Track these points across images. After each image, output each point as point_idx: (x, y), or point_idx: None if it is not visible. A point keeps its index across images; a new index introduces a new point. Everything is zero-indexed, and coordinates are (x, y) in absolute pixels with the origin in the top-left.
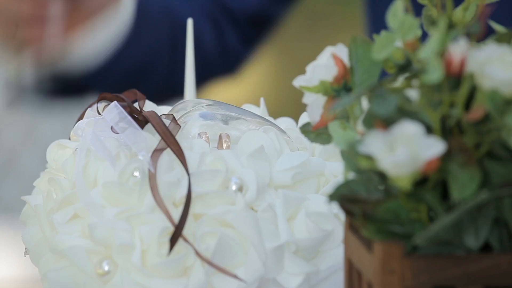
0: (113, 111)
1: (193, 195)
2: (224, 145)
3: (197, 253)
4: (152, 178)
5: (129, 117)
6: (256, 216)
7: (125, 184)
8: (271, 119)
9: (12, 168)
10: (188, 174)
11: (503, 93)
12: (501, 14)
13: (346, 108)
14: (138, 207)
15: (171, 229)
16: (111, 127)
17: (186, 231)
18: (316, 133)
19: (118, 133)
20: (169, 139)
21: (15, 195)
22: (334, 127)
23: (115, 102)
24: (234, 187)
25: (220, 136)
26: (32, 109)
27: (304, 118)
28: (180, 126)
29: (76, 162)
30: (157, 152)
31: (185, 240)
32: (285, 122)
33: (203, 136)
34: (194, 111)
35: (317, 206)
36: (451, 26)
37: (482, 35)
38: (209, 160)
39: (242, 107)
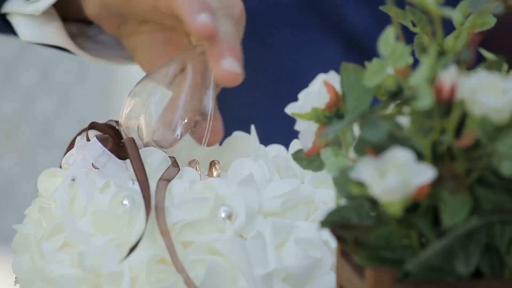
0: (93, 147)
1: (182, 223)
2: (215, 173)
3: (186, 282)
4: (159, 208)
5: (107, 151)
6: (245, 244)
7: (115, 212)
8: (262, 146)
9: (9, 197)
10: (149, 205)
11: (493, 120)
12: None
13: (338, 135)
14: (127, 235)
15: (160, 257)
16: (92, 164)
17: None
18: (308, 160)
19: (98, 169)
20: (136, 164)
21: (12, 224)
22: (326, 154)
23: (95, 138)
24: (223, 215)
25: (211, 163)
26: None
27: (294, 145)
28: (179, 169)
29: (64, 191)
30: (162, 181)
31: (178, 268)
32: (275, 149)
33: (194, 164)
34: None
35: (306, 233)
36: (441, 53)
37: (472, 62)
38: (198, 188)
39: (232, 135)
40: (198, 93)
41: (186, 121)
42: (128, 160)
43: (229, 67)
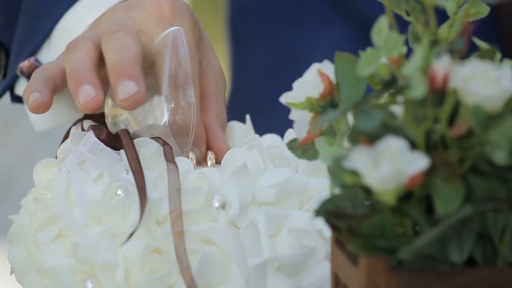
0: (89, 140)
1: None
2: (209, 163)
3: (181, 271)
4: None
5: (102, 145)
6: (238, 233)
7: (109, 203)
8: (256, 136)
9: (9, 189)
10: (145, 195)
11: (486, 109)
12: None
13: (332, 124)
14: (121, 225)
15: (154, 246)
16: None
17: (169, 248)
18: (303, 149)
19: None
20: (131, 154)
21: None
22: (321, 143)
23: (91, 131)
24: (216, 205)
25: (205, 153)
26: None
27: (289, 135)
28: (172, 148)
29: (59, 181)
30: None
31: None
32: (270, 139)
33: (189, 154)
34: None
35: (300, 223)
36: (435, 42)
37: (465, 51)
38: (192, 178)
39: (228, 124)
40: (178, 79)
41: (173, 105)
42: (122, 150)
43: (125, 93)
